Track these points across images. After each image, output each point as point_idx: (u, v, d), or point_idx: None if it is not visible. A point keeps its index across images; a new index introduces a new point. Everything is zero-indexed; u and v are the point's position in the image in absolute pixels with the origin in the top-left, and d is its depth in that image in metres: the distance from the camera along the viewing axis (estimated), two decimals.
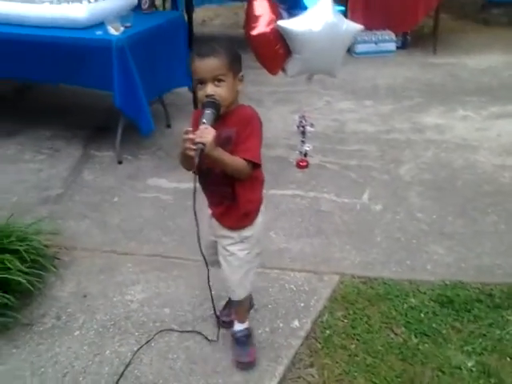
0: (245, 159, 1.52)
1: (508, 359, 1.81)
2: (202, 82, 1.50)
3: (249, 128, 1.55)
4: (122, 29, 2.94)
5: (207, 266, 1.72)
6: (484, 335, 1.89)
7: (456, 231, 2.50)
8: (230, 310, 1.98)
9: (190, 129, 1.48)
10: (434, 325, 1.94)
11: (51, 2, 3.19)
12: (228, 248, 1.72)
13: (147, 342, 1.90)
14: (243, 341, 1.86)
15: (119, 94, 2.95)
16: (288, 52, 2.69)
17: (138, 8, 3.42)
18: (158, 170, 3.15)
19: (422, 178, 2.98)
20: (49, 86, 3.94)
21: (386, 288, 2.12)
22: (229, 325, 1.96)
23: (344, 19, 2.78)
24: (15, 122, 3.74)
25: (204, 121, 1.46)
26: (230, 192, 1.62)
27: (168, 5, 6.69)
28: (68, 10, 3.10)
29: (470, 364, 1.78)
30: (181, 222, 2.62)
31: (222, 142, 1.49)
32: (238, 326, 1.88)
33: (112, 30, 2.92)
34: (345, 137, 3.52)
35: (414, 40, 5.56)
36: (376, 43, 5.33)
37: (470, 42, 5.63)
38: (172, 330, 1.96)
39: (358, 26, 2.79)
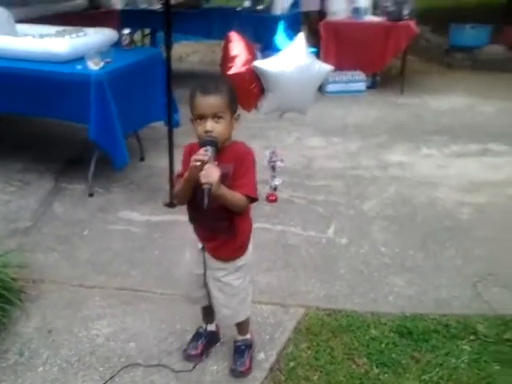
0: (244, 194, 1.61)
1: None
2: (202, 118, 1.59)
3: (245, 164, 1.65)
4: (102, 64, 3.03)
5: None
6: (441, 364, 1.96)
7: (416, 264, 2.59)
8: (197, 344, 2.00)
9: (202, 155, 1.53)
10: (393, 355, 2.00)
11: (33, 36, 3.26)
12: (222, 279, 1.78)
13: (111, 377, 1.89)
14: (242, 350, 1.95)
15: (95, 127, 3.00)
16: (262, 91, 2.80)
17: (118, 44, 3.53)
18: (130, 202, 3.18)
19: (385, 214, 3.08)
20: (23, 117, 3.95)
21: (349, 320, 2.18)
22: (196, 358, 1.98)
23: (316, 60, 2.90)
24: None
25: (207, 160, 1.52)
26: (227, 226, 1.70)
27: (147, 41, 6.90)
28: (50, 44, 3.18)
29: None
30: (150, 255, 2.65)
31: (220, 178, 1.55)
32: (240, 337, 1.98)
33: (91, 65, 3.00)
34: (313, 173, 3.63)
35: (383, 80, 5.82)
36: (346, 83, 5.56)
37: (434, 84, 5.94)
38: (137, 364, 1.95)
39: (330, 67, 2.92)
